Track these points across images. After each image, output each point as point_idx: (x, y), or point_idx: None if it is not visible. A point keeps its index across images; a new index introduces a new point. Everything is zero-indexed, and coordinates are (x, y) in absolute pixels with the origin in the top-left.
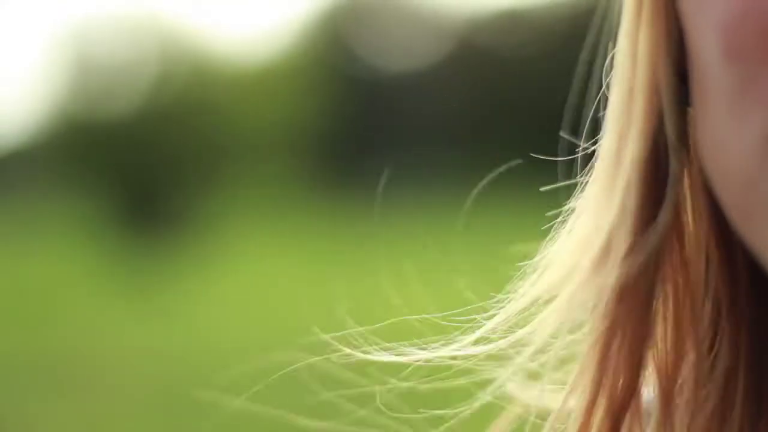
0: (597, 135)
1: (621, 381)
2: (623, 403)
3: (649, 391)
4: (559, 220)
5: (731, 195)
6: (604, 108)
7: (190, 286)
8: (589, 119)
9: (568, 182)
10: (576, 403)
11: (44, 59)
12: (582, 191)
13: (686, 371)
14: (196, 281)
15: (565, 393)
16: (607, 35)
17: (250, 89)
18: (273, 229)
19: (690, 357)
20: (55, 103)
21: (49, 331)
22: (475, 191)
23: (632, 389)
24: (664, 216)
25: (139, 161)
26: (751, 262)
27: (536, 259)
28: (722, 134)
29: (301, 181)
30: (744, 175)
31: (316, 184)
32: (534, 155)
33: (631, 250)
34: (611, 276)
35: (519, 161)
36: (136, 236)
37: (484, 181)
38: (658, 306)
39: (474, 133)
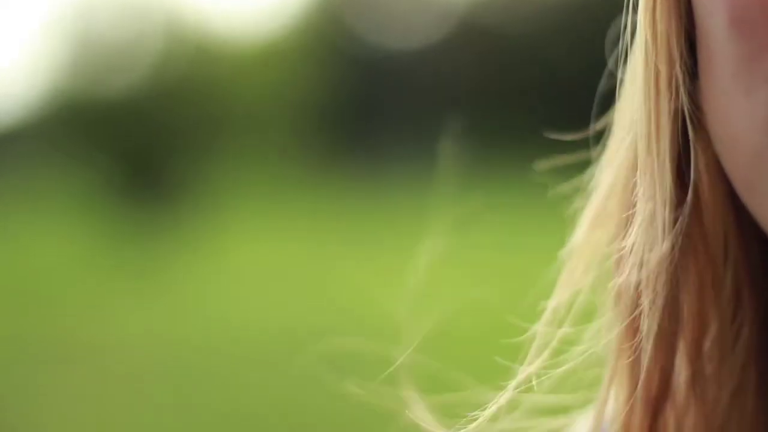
0: (605, 112)
1: (657, 365)
2: (662, 388)
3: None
4: (571, 198)
5: (737, 167)
6: (610, 85)
7: (192, 263)
8: (596, 96)
9: (576, 159)
10: (616, 392)
11: (46, 36)
12: (598, 168)
13: (709, 345)
14: (198, 258)
15: (605, 381)
16: (609, 12)
17: (252, 67)
18: (274, 206)
19: (713, 330)
20: (56, 80)
21: (49, 310)
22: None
23: (668, 373)
24: (691, 191)
25: (140, 139)
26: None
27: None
28: (728, 106)
29: (302, 158)
30: (750, 147)
31: (316, 161)
32: (542, 133)
33: (664, 224)
34: (639, 252)
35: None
36: (137, 214)
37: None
38: (681, 281)
39: (475, 112)
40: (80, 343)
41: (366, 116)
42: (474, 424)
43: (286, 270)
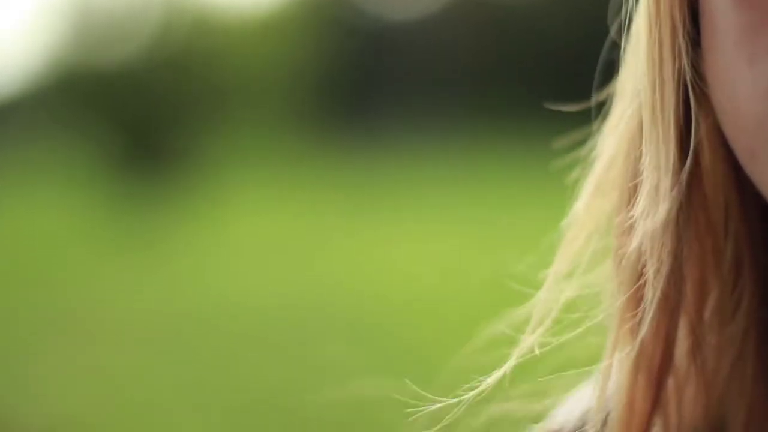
0: (606, 83)
1: (660, 335)
2: (665, 358)
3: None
4: (570, 168)
5: (739, 135)
6: (615, 56)
7: (190, 236)
8: (597, 67)
9: (577, 130)
10: (618, 361)
11: (45, 7)
12: (600, 138)
13: (709, 314)
14: (197, 230)
15: (607, 351)
16: None
17: (252, 37)
18: (273, 178)
19: (713, 299)
20: (55, 51)
21: (48, 281)
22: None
23: (671, 345)
24: (691, 159)
25: (139, 110)
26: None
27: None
28: (731, 75)
29: (301, 129)
30: (752, 116)
31: (315, 132)
32: (542, 104)
33: (666, 192)
34: (644, 220)
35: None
36: (136, 185)
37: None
38: (684, 251)
39: (476, 82)
40: (78, 315)
41: (364, 87)
42: (476, 391)
43: (285, 242)
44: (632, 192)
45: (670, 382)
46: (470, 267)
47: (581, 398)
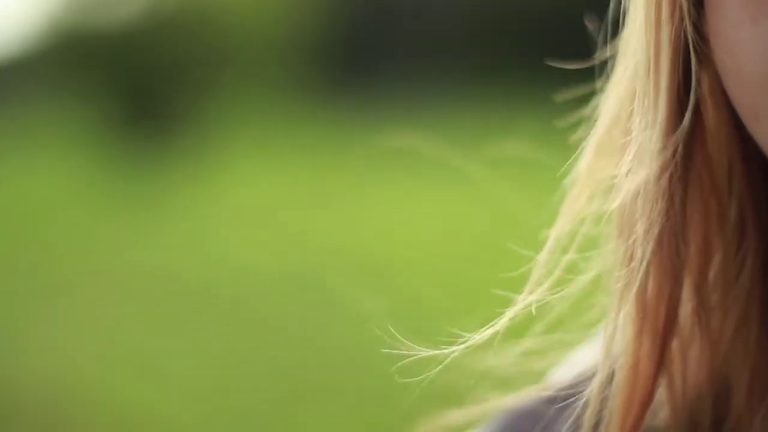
0: (611, 41)
1: (664, 296)
2: (669, 319)
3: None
4: (572, 126)
5: (743, 95)
6: (620, 14)
7: (189, 198)
8: (602, 25)
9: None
10: (622, 322)
11: None
12: (602, 96)
13: (714, 275)
14: (196, 192)
15: (611, 312)
16: None
17: None
18: (273, 140)
19: (717, 260)
20: (55, 12)
21: (47, 242)
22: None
23: (675, 304)
24: (688, 117)
25: (139, 71)
26: None
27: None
28: (735, 35)
29: (301, 90)
30: (756, 75)
31: (315, 93)
32: (545, 62)
33: (661, 149)
34: (641, 177)
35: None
36: (135, 147)
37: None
38: (687, 209)
39: (475, 41)
40: (77, 276)
41: (363, 47)
42: (462, 346)
43: (284, 203)
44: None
45: (675, 343)
46: (470, 227)
47: (580, 359)
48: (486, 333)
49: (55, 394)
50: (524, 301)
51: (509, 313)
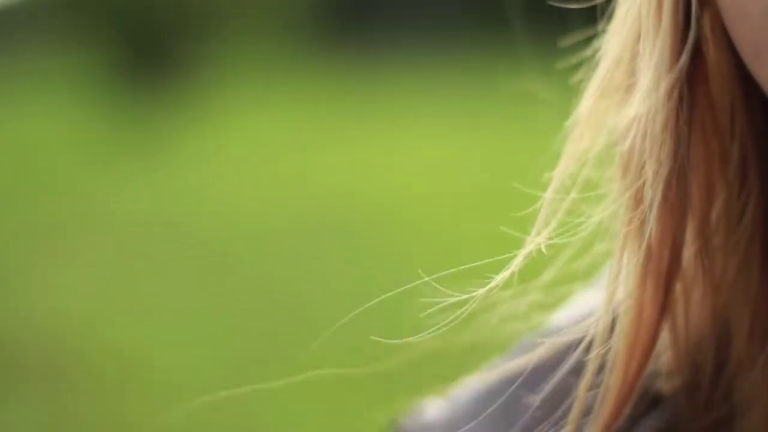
0: None
1: (667, 238)
2: (673, 261)
3: None
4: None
5: (745, 33)
6: None
7: (191, 145)
8: None
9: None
10: (625, 266)
11: None
12: (606, 38)
13: (716, 217)
14: (198, 140)
15: (615, 255)
16: None
17: None
18: (276, 85)
19: (720, 202)
20: None
21: (49, 189)
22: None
23: (678, 246)
24: (687, 54)
25: (141, 19)
26: None
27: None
28: None
29: (303, 35)
30: (758, 13)
31: (315, 41)
32: (545, 3)
33: (664, 90)
34: (646, 118)
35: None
36: (137, 94)
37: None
38: (689, 151)
39: None
40: (76, 223)
41: None
42: (485, 289)
43: (284, 151)
44: (632, 91)
45: (678, 287)
46: (471, 174)
47: (583, 305)
48: (503, 276)
49: (53, 341)
50: (533, 242)
51: (522, 255)
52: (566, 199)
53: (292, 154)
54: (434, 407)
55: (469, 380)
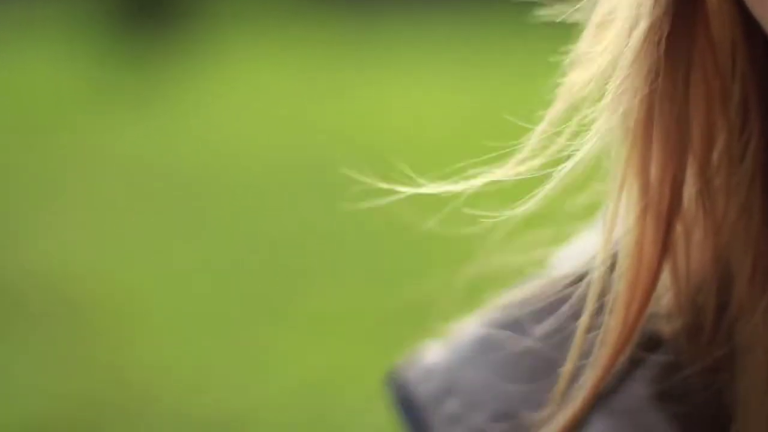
0: None
1: (668, 176)
2: (673, 200)
3: None
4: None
5: None
6: None
7: (192, 91)
8: None
9: None
10: (626, 210)
11: None
12: None
13: (717, 157)
14: (198, 86)
15: (613, 193)
16: None
17: None
18: (275, 35)
19: (721, 142)
20: None
21: (47, 134)
22: None
23: (679, 185)
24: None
25: None
26: None
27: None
28: None
29: None
30: None
31: None
32: None
33: (656, 25)
34: (641, 55)
35: None
36: (136, 40)
37: None
38: (690, 90)
39: None
40: (75, 169)
41: None
42: (472, 184)
43: (284, 98)
44: (631, 27)
45: (678, 228)
46: (464, 118)
47: (584, 244)
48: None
49: (53, 284)
50: (519, 165)
51: (506, 170)
52: (561, 132)
53: (290, 101)
54: (434, 351)
55: (469, 321)
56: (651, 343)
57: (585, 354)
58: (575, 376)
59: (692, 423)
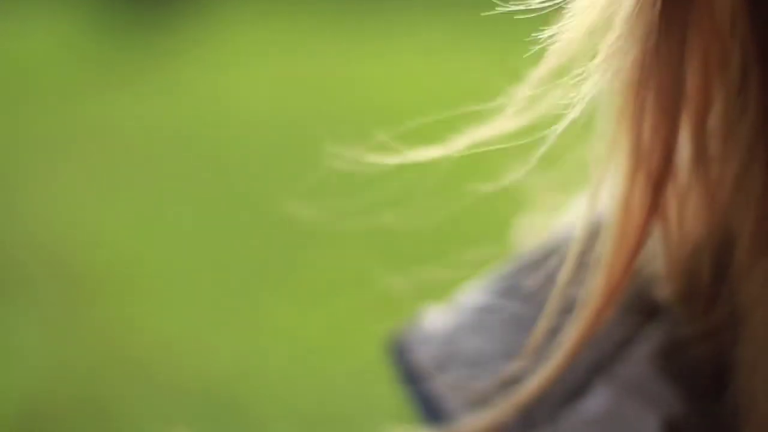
0: None
1: (659, 138)
2: (664, 163)
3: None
4: None
5: None
6: None
7: (190, 60)
8: None
9: None
10: (615, 171)
11: None
12: None
13: (713, 121)
14: (196, 55)
15: (601, 156)
16: None
17: None
18: (277, 4)
19: (717, 106)
20: None
21: (45, 104)
22: None
23: (670, 147)
24: None
25: None
26: None
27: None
28: None
29: None
30: None
31: None
32: None
33: None
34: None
35: None
36: (134, 10)
37: None
38: (686, 53)
39: None
40: (76, 137)
41: None
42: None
43: (289, 66)
44: None
45: (671, 190)
46: (459, 85)
47: (577, 209)
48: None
49: (56, 252)
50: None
51: (492, 128)
52: (549, 91)
53: (292, 68)
54: (433, 318)
55: (469, 287)
56: (649, 308)
57: (567, 309)
58: (554, 333)
59: (694, 385)
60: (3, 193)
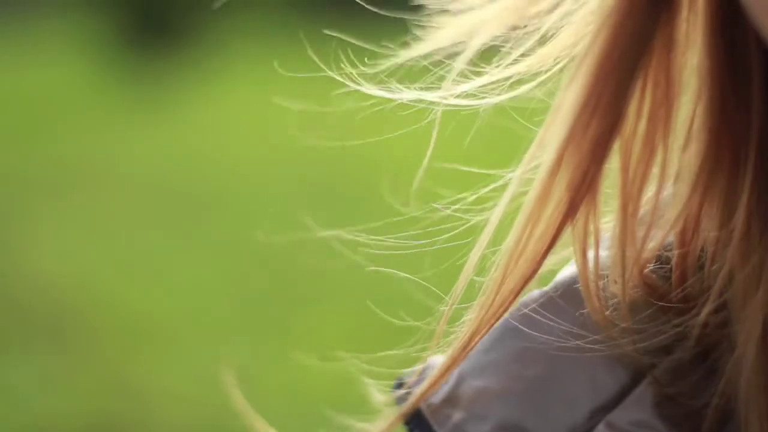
0: None
1: (588, 151)
2: (585, 178)
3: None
4: None
5: None
6: None
7: (194, 103)
8: None
9: None
10: (538, 172)
11: None
12: None
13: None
14: (202, 97)
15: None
16: None
17: None
18: (281, 49)
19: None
20: None
21: (51, 142)
22: None
23: (598, 168)
24: None
25: None
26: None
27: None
28: None
29: (307, 4)
30: None
31: (321, 8)
32: None
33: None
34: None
35: None
36: (143, 51)
37: None
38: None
39: None
40: (81, 178)
41: None
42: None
43: (282, 113)
44: None
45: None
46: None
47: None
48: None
49: (55, 294)
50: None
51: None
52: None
53: (288, 115)
54: (438, 359)
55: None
56: (649, 354)
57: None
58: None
59: (683, 377)
60: (5, 231)
